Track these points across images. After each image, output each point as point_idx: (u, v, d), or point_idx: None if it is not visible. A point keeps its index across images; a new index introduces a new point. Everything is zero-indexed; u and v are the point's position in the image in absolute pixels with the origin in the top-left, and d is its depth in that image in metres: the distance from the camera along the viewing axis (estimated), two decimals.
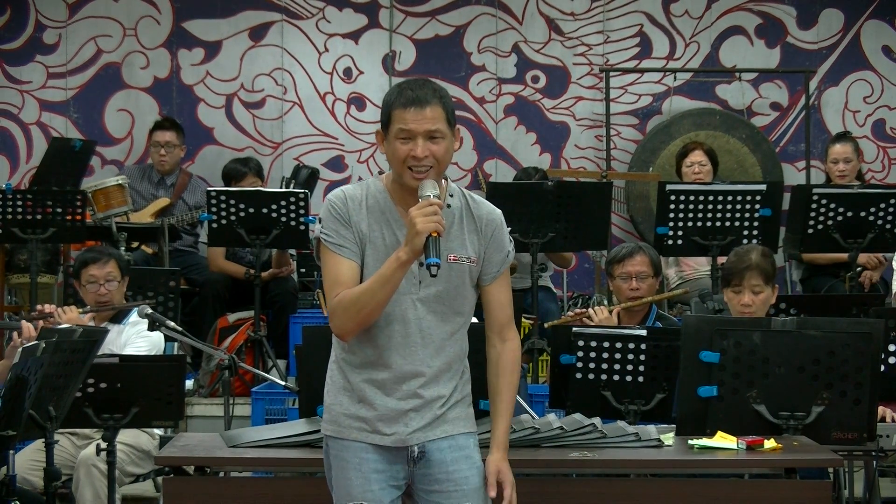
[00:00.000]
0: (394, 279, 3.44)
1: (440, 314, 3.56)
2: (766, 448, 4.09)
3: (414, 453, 3.55)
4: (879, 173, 9.12)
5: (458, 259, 3.56)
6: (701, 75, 9.11)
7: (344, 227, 3.57)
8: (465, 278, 3.58)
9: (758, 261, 5.26)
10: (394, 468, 3.56)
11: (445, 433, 3.56)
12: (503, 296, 3.66)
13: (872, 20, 9.15)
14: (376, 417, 3.55)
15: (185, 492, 4.04)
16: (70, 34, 9.02)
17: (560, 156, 9.09)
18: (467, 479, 3.57)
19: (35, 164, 8.64)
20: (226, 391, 5.87)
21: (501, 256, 3.64)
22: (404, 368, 3.54)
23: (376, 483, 3.54)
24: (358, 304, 3.47)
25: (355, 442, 3.56)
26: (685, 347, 4.53)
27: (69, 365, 4.65)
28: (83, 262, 6.00)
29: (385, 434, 3.54)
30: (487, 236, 3.61)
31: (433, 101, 3.50)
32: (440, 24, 9.09)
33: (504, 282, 3.67)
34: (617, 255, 5.97)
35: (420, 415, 3.55)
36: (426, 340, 3.54)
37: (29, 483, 5.42)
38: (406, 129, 3.49)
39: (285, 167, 8.92)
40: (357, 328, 3.51)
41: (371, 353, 3.56)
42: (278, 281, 7.79)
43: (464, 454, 3.58)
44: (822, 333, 4.44)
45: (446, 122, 3.52)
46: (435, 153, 3.50)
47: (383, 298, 3.46)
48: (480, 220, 3.62)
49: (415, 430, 3.54)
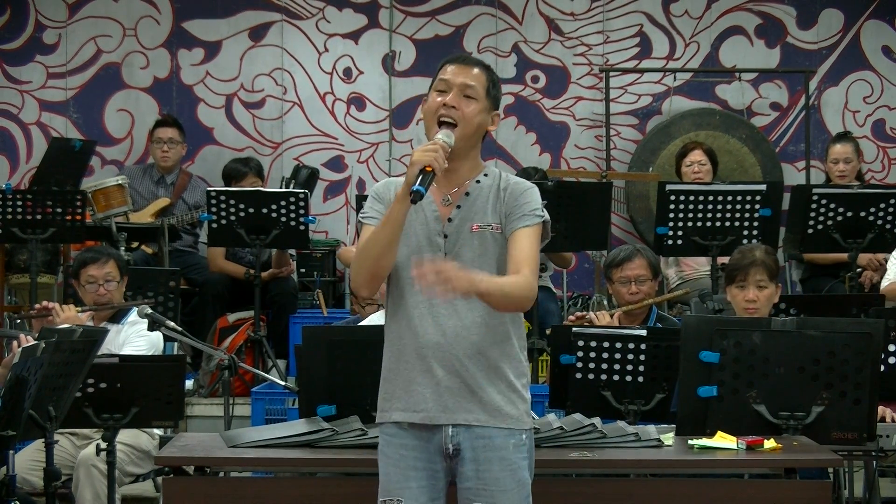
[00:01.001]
0: (392, 216, 3.46)
1: None
2: (766, 448, 4.09)
3: (450, 449, 3.53)
4: (879, 173, 9.12)
5: (480, 228, 3.58)
6: (701, 75, 9.11)
7: (378, 202, 3.63)
8: (489, 247, 3.58)
9: (762, 257, 5.29)
10: (434, 466, 3.55)
11: (479, 422, 3.53)
12: (524, 243, 3.58)
13: (872, 20, 9.14)
14: (403, 389, 3.55)
15: (185, 492, 4.04)
16: (70, 34, 9.02)
17: (560, 156, 9.09)
18: (497, 481, 3.54)
19: (35, 164, 8.64)
20: (226, 391, 5.87)
21: (524, 212, 3.59)
22: (425, 338, 3.53)
23: (415, 480, 3.54)
24: (365, 251, 3.52)
25: (395, 429, 3.55)
26: (685, 347, 4.53)
27: (69, 365, 4.65)
28: (82, 262, 6.01)
29: (415, 411, 3.53)
30: (510, 200, 3.60)
31: (479, 66, 3.66)
32: (440, 24, 9.09)
33: (527, 233, 3.58)
34: (615, 259, 5.96)
35: (451, 392, 3.52)
36: (450, 310, 3.52)
37: (29, 483, 5.42)
38: (444, 80, 3.60)
39: (285, 167, 8.92)
40: (369, 278, 3.53)
41: (401, 325, 3.57)
42: (278, 281, 7.80)
43: (498, 455, 3.55)
44: (822, 333, 4.44)
45: (485, 89, 3.61)
46: (463, 107, 3.56)
47: (385, 239, 3.47)
48: (506, 189, 3.62)
49: (445, 411, 3.51)
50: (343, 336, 4.71)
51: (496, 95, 3.67)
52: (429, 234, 3.58)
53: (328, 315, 7.79)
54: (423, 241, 3.57)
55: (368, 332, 4.78)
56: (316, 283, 8.17)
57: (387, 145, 9.09)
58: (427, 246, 3.57)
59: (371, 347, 4.46)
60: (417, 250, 3.56)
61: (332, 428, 4.14)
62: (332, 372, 4.55)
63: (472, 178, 3.63)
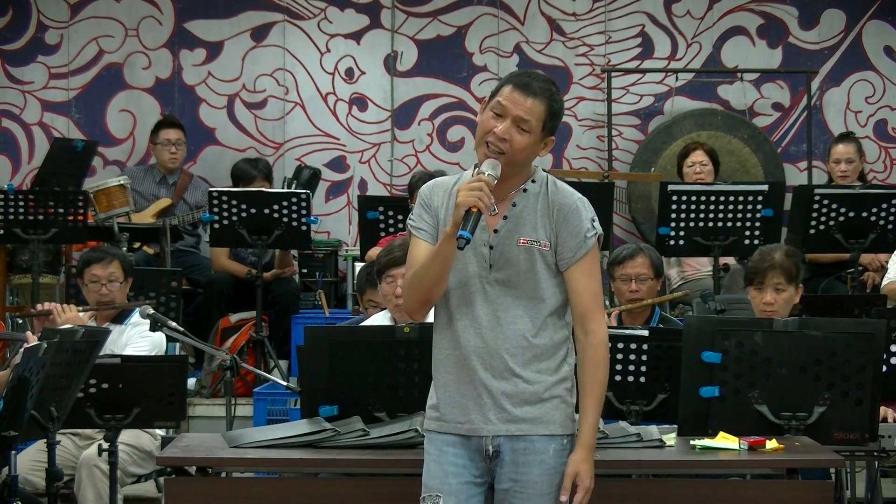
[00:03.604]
0: (441, 252, 3.45)
1: (512, 297, 3.52)
2: (768, 448, 4.09)
3: (489, 451, 3.52)
4: (881, 174, 9.11)
5: (528, 243, 3.54)
6: (703, 76, 9.11)
7: (426, 211, 3.60)
8: (536, 263, 3.54)
9: (781, 260, 5.29)
10: (474, 464, 3.55)
11: (521, 431, 3.52)
12: (581, 283, 3.55)
13: (874, 20, 9.14)
14: (448, 402, 3.55)
15: (187, 492, 4.04)
16: (72, 34, 9.02)
17: (562, 156, 9.09)
18: (535, 484, 3.52)
19: (37, 164, 8.65)
20: (227, 391, 5.86)
21: (577, 241, 3.55)
22: (468, 349, 3.52)
23: (454, 477, 3.54)
24: (416, 280, 3.52)
25: (436, 433, 3.57)
26: (687, 348, 4.53)
27: (71, 365, 4.65)
28: (86, 261, 6.01)
29: (460, 423, 3.53)
30: (559, 221, 3.55)
31: (541, 96, 3.53)
32: (442, 25, 9.09)
33: (584, 267, 3.56)
34: (617, 256, 5.97)
35: (494, 404, 3.51)
36: (493, 322, 3.51)
37: (31, 483, 5.42)
38: (502, 105, 3.51)
39: (287, 167, 8.92)
40: (421, 305, 3.55)
41: (445, 336, 3.57)
42: (280, 282, 7.80)
43: (538, 458, 3.52)
44: (824, 334, 4.44)
45: (541, 123, 3.52)
46: (514, 141, 3.50)
47: (436, 273, 3.48)
48: (554, 204, 3.58)
49: (487, 422, 3.51)
50: (345, 336, 4.70)
51: (553, 126, 3.58)
52: (474, 246, 3.50)
53: (330, 315, 7.79)
54: (468, 253, 3.52)
55: (371, 333, 4.78)
56: (318, 283, 8.17)
57: (388, 145, 9.09)
58: (473, 257, 3.53)
59: (373, 348, 4.49)
60: (462, 262, 3.53)
61: (334, 428, 4.13)
62: (334, 372, 4.54)
63: (519, 186, 3.59)
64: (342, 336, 4.73)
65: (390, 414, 4.39)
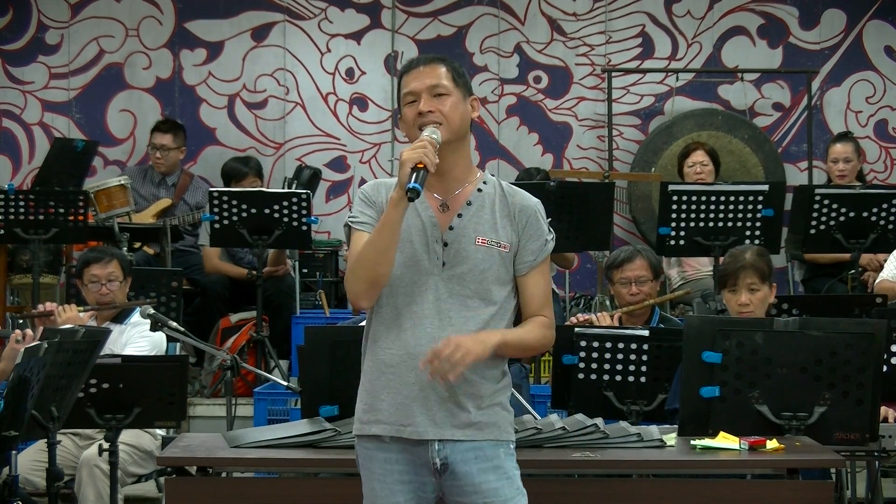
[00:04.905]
0: (389, 220, 3.34)
1: (462, 297, 3.43)
2: (769, 448, 4.09)
3: (437, 464, 3.41)
4: (882, 174, 9.11)
5: (487, 243, 3.46)
6: (703, 76, 9.10)
7: (369, 206, 3.50)
8: (494, 264, 3.46)
9: (752, 259, 5.24)
10: (421, 479, 3.43)
11: (467, 437, 3.41)
12: (539, 287, 3.52)
13: (874, 20, 9.14)
14: (389, 402, 3.41)
15: (188, 492, 4.04)
16: (72, 34, 9.02)
17: (562, 156, 9.08)
18: (497, 491, 3.42)
19: (37, 164, 8.65)
20: (228, 391, 5.86)
21: (538, 245, 3.52)
22: (416, 349, 3.39)
23: (401, 494, 3.42)
24: (362, 259, 3.39)
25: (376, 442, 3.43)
26: (687, 348, 4.53)
27: (72, 365, 4.65)
28: (85, 261, 6.01)
29: (403, 426, 3.40)
30: (522, 224, 3.51)
31: (433, 62, 3.51)
32: (442, 25, 9.09)
33: (541, 271, 3.53)
34: (615, 260, 5.95)
35: (441, 407, 3.40)
36: (443, 322, 3.41)
37: (31, 483, 5.43)
38: (409, 91, 3.49)
39: (287, 167, 8.92)
40: (367, 288, 3.40)
41: (389, 335, 3.44)
42: (274, 280, 7.80)
43: (492, 465, 3.42)
44: (825, 334, 4.44)
45: (451, 81, 3.48)
46: (441, 109, 3.45)
47: (383, 245, 3.35)
48: (514, 206, 3.52)
49: (433, 426, 3.39)
50: (345, 336, 4.71)
51: (466, 82, 3.53)
52: (426, 241, 3.44)
53: (330, 315, 7.79)
54: (419, 248, 3.44)
55: None
56: (318, 283, 8.17)
57: (389, 146, 9.09)
58: (424, 253, 3.44)
59: None
60: (413, 258, 3.44)
61: (334, 428, 4.13)
62: (335, 372, 4.55)
63: (468, 181, 3.52)
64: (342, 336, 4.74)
65: None
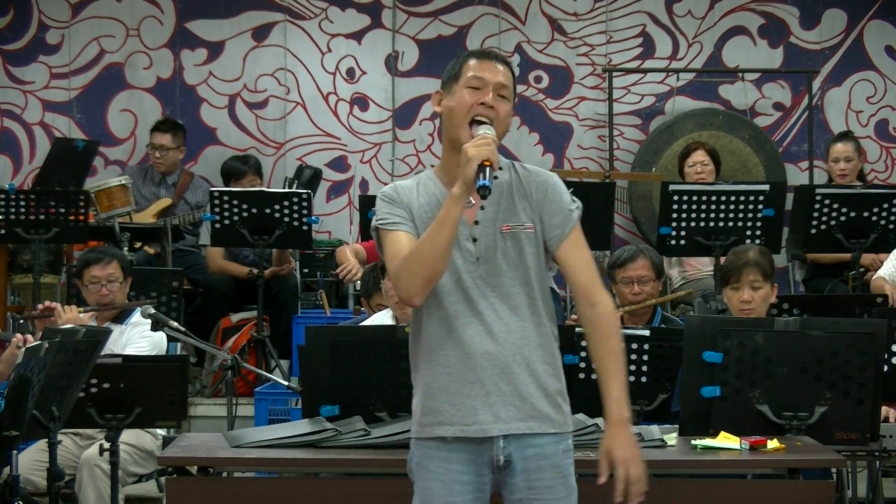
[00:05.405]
0: (449, 218, 3.28)
1: (503, 287, 3.39)
2: (769, 448, 4.09)
3: (500, 461, 3.38)
4: (882, 173, 9.11)
5: (512, 228, 3.42)
6: (704, 75, 9.10)
7: (396, 206, 3.44)
8: (525, 248, 3.41)
9: (756, 257, 5.25)
10: (481, 479, 3.41)
11: (531, 430, 3.37)
12: (577, 258, 3.46)
13: (875, 20, 9.14)
14: (450, 403, 3.38)
15: (188, 492, 4.04)
16: (73, 34, 9.03)
17: (563, 156, 9.09)
18: (551, 490, 3.42)
19: (38, 164, 8.65)
20: (229, 391, 5.86)
21: (561, 217, 3.45)
22: (472, 347, 3.36)
23: (460, 495, 3.40)
24: (419, 256, 3.31)
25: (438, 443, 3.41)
26: (688, 348, 4.53)
27: (72, 365, 4.65)
28: (85, 262, 6.01)
29: (467, 425, 3.36)
30: (539, 200, 3.44)
31: (507, 64, 3.48)
32: (443, 25, 9.10)
33: (575, 242, 3.46)
34: (618, 259, 5.95)
35: (502, 401, 3.36)
36: (493, 316, 3.37)
37: (32, 483, 5.42)
38: (479, 77, 3.42)
39: (288, 167, 8.92)
40: (424, 285, 3.33)
41: (441, 336, 3.40)
42: (279, 279, 7.80)
43: (550, 462, 3.41)
44: (825, 334, 4.44)
45: (513, 89, 3.46)
46: (499, 109, 3.41)
47: (443, 242, 3.28)
48: (530, 185, 3.45)
49: (498, 421, 3.36)
50: (346, 336, 4.70)
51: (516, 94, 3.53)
52: (458, 241, 3.37)
53: (331, 315, 7.79)
54: (452, 249, 3.36)
55: (372, 332, 4.79)
56: (319, 283, 8.16)
57: (390, 145, 9.09)
58: (458, 252, 3.38)
59: (374, 347, 4.49)
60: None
61: (335, 428, 4.14)
62: (336, 372, 4.54)
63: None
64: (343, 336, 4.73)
65: (391, 414, 4.40)
